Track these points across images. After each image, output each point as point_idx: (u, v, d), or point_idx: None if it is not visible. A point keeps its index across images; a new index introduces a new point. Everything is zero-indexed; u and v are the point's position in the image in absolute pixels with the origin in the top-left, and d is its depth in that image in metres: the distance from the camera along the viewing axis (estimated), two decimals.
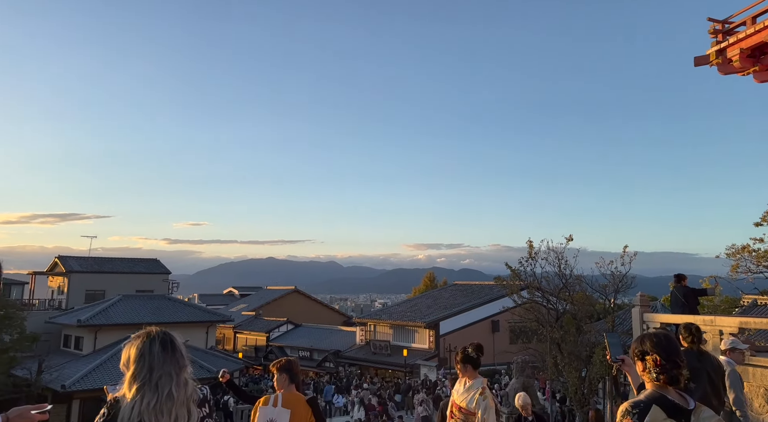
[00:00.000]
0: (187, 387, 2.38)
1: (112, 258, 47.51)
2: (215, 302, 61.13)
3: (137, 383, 2.28)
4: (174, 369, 2.35)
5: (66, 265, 42.55)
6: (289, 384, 5.10)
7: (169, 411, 2.26)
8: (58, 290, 42.97)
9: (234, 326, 50.40)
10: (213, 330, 39.71)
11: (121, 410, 2.24)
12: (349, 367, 41.17)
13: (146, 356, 2.33)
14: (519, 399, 7.02)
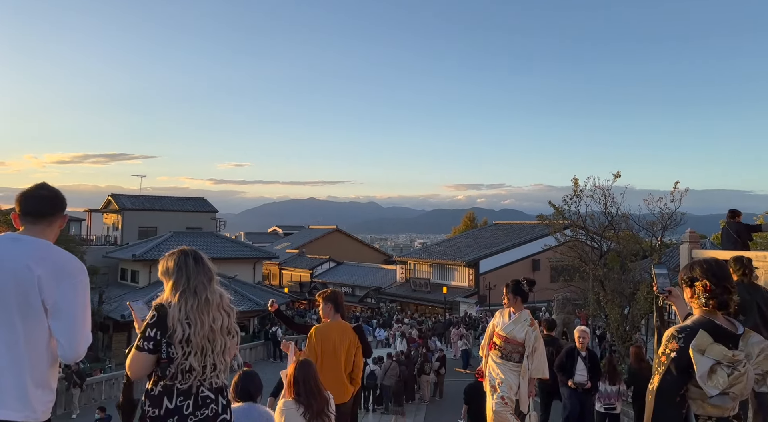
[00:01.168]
0: (222, 296, 2.72)
1: (162, 197, 49.35)
2: (260, 241, 63.21)
3: (179, 289, 2.60)
4: (205, 279, 2.68)
5: (119, 203, 44.53)
6: (335, 314, 5.29)
7: (208, 312, 2.60)
8: (113, 227, 45.26)
9: (279, 263, 52.25)
10: (259, 266, 41.29)
11: (169, 312, 2.54)
12: (390, 303, 42.39)
13: (183, 268, 2.66)
14: (578, 331, 7.02)
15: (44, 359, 2.27)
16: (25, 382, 2.21)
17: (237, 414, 3.35)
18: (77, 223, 43.65)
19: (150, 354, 2.54)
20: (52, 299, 2.23)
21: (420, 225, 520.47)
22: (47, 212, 2.42)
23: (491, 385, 5.48)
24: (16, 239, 2.34)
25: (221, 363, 2.68)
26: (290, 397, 3.78)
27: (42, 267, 2.23)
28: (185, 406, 2.59)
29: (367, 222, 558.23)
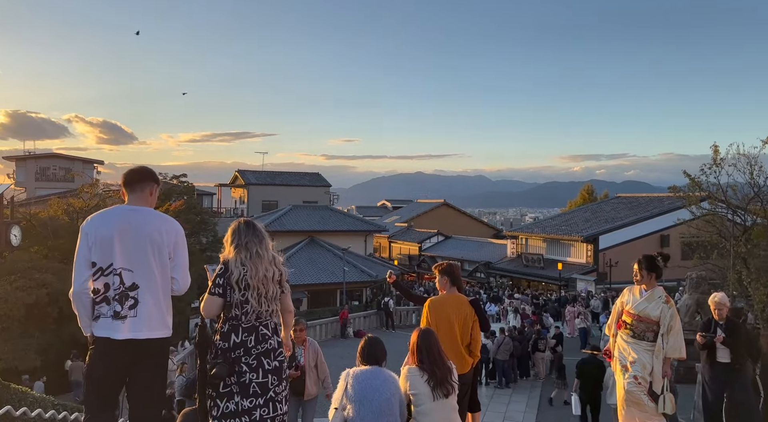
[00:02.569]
0: (275, 256, 3.42)
1: (281, 172, 52.42)
2: (370, 214, 64.95)
3: (233, 245, 3.34)
4: (256, 239, 3.37)
5: (245, 178, 48.01)
6: (451, 286, 5.21)
7: (260, 263, 3.30)
8: (240, 200, 49.01)
9: (388, 236, 53.40)
10: (370, 238, 42.49)
11: (229, 263, 3.28)
12: (500, 278, 41.60)
13: (236, 231, 3.39)
14: (716, 297, 6.31)
15: (168, 293, 3.17)
16: (163, 310, 3.12)
17: (364, 377, 3.44)
18: (209, 197, 47.82)
19: (219, 297, 3.26)
20: (172, 251, 3.14)
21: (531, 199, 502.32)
22: (139, 181, 3.24)
23: (622, 365, 5.14)
24: (134, 209, 3.16)
25: (274, 306, 3.40)
26: (414, 364, 3.79)
27: (166, 231, 3.13)
28: (249, 340, 3.30)
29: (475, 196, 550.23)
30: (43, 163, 43.06)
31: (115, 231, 3.04)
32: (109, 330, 2.99)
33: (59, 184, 40.42)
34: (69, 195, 30.90)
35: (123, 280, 3.01)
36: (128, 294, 3.01)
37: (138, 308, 3.01)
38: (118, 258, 3.02)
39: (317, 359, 6.23)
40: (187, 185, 35.58)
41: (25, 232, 21.93)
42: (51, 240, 23.09)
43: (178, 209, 28.33)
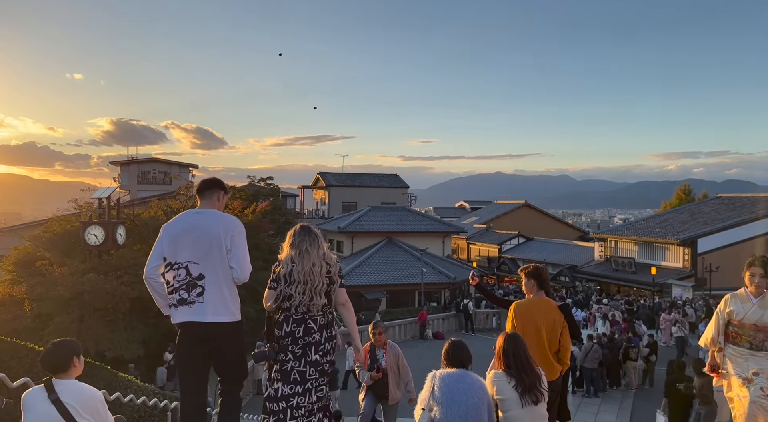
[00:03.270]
0: (326, 253, 3.81)
1: (361, 174, 53.31)
2: (448, 215, 64.37)
3: (289, 245, 3.84)
4: (308, 238, 3.80)
5: (326, 180, 49.32)
6: (538, 290, 5.00)
7: (308, 259, 3.71)
8: (321, 202, 50.38)
9: (467, 237, 52.65)
10: (448, 240, 42.11)
11: (282, 260, 3.80)
12: (587, 283, 39.72)
13: (293, 233, 3.89)
14: None
15: (231, 283, 3.55)
16: (226, 298, 3.51)
17: (450, 380, 3.38)
18: (292, 198, 49.59)
19: (272, 290, 3.75)
20: (230, 246, 3.52)
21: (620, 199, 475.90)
22: (209, 188, 3.75)
23: (742, 378, 4.69)
24: (199, 212, 3.67)
25: (320, 299, 3.71)
26: (500, 369, 3.67)
27: (224, 227, 3.54)
28: (297, 331, 3.71)
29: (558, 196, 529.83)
30: (144, 167, 46.62)
31: (182, 231, 3.55)
32: (183, 315, 3.48)
33: (158, 186, 43.59)
34: (167, 197, 33.25)
35: (190, 272, 3.47)
36: (196, 283, 3.46)
37: (204, 296, 3.45)
38: (185, 254, 3.50)
39: (398, 361, 6.13)
40: (273, 187, 37.15)
41: (129, 231, 23.84)
42: (152, 239, 24.87)
43: (265, 209, 29.63)
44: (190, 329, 3.46)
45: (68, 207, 30.00)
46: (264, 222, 28.56)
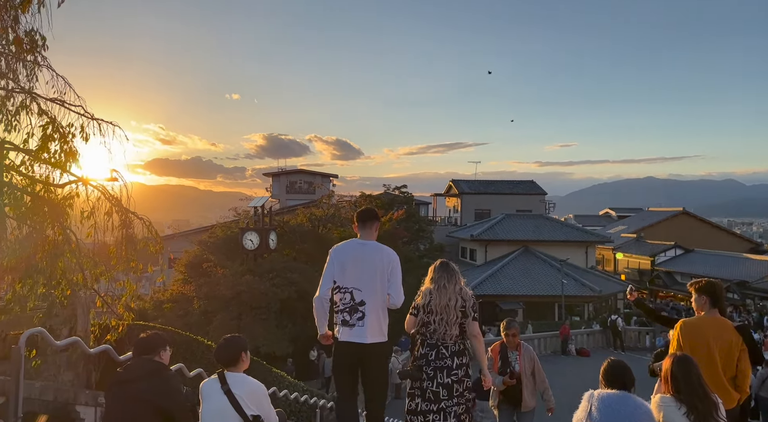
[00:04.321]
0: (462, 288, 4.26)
1: (494, 181, 52.26)
2: (590, 223, 60.31)
3: (430, 279, 4.30)
4: (446, 274, 4.27)
5: (458, 187, 49.14)
6: (711, 308, 4.47)
7: (445, 294, 4.17)
8: (453, 209, 50.26)
9: (613, 247, 48.83)
10: (591, 250, 39.45)
11: (423, 292, 4.32)
12: (761, 301, 34.59)
13: (434, 268, 4.38)
14: None
15: (385, 308, 4.05)
16: (381, 322, 4.02)
17: (611, 401, 3.13)
18: (425, 206, 50.15)
19: (412, 316, 4.29)
20: (389, 274, 4.02)
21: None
22: (369, 219, 4.20)
23: None
24: (362, 243, 4.14)
25: (453, 330, 4.15)
26: (668, 393, 3.31)
27: (385, 259, 4.05)
28: (429, 354, 4.17)
29: (722, 203, 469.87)
30: (292, 177, 50.49)
31: (349, 259, 4.05)
32: (344, 335, 4.01)
33: (304, 195, 46.91)
34: (311, 205, 35.64)
35: (353, 297, 3.98)
36: (357, 308, 3.97)
37: (365, 320, 3.95)
38: (351, 280, 4.00)
39: (534, 366, 5.77)
40: (408, 195, 37.89)
41: (279, 237, 25.94)
42: (298, 244, 26.81)
43: (400, 217, 30.32)
44: (349, 348, 3.99)
45: (228, 215, 33.54)
46: (399, 230, 29.20)
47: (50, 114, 6.92)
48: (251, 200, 29.52)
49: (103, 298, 7.25)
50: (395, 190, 37.23)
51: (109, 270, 7.17)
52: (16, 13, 6.16)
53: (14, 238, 6.58)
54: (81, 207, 7.20)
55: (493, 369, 5.65)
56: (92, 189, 7.35)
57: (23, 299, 6.61)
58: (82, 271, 6.77)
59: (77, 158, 7.01)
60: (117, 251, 7.23)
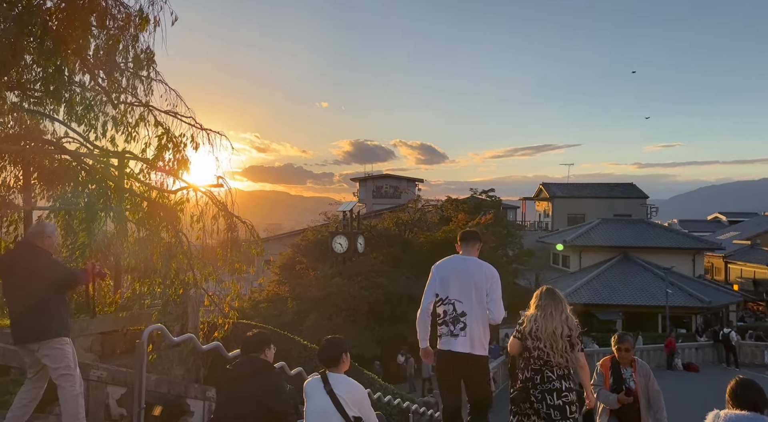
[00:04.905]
0: (568, 317, 4.32)
1: (588, 184, 49.78)
2: (698, 229, 55.59)
3: (534, 305, 4.41)
4: (552, 301, 4.35)
5: (549, 191, 47.33)
6: None
7: (551, 322, 4.24)
8: (544, 214, 48.46)
9: (724, 255, 44.67)
10: (699, 258, 36.39)
11: (528, 317, 4.40)
12: None
13: (539, 295, 4.45)
14: None
15: (486, 322, 4.19)
16: (481, 335, 4.16)
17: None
18: (513, 210, 48.81)
19: (516, 340, 4.43)
20: (489, 290, 4.15)
21: None
22: (469, 239, 4.40)
23: None
24: (463, 258, 4.32)
25: (561, 358, 4.23)
26: None
27: (484, 275, 4.19)
28: (535, 378, 4.27)
29: None
30: (378, 182, 51.22)
31: (451, 273, 4.24)
32: (446, 344, 4.17)
33: (390, 200, 47.39)
34: (397, 209, 35.90)
35: (456, 308, 4.16)
36: (459, 319, 4.14)
37: (467, 331, 4.12)
38: (453, 292, 4.18)
39: (649, 384, 5.24)
40: (495, 199, 37.08)
41: (366, 241, 26.37)
42: (385, 248, 27.10)
43: (487, 222, 29.72)
44: (452, 356, 4.15)
45: (318, 219, 34.64)
46: (486, 235, 28.62)
47: (165, 125, 7.48)
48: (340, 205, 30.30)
49: (211, 297, 7.69)
50: (482, 194, 36.58)
51: (216, 271, 7.59)
52: (135, 32, 6.71)
53: (134, 240, 7.16)
54: (191, 212, 7.70)
55: (604, 386, 5.27)
56: (201, 195, 7.85)
57: (142, 297, 7.18)
58: (193, 271, 7.23)
59: (188, 166, 7.53)
60: (223, 253, 7.65)
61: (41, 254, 4.14)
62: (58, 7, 6.32)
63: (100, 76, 6.99)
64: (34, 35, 6.27)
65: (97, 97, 7.20)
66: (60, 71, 6.59)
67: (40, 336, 4.07)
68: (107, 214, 6.98)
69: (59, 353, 4.10)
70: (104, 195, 7.17)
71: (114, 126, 7.48)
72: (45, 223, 4.57)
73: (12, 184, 7.11)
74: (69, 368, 4.15)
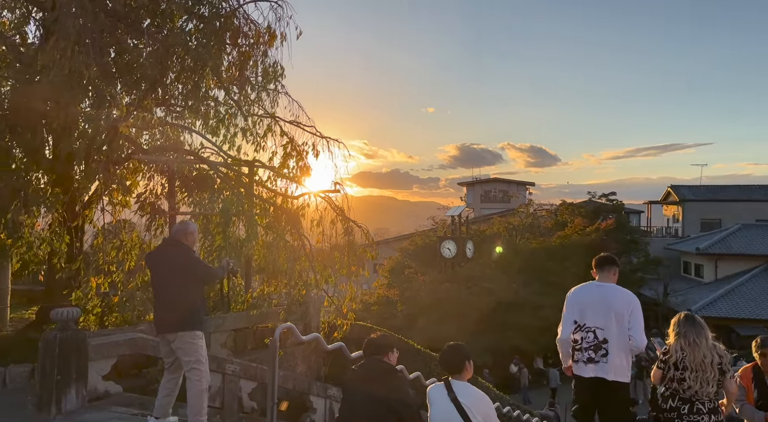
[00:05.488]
0: (715, 344, 4.12)
1: (725, 186, 44.89)
2: None
3: (675, 333, 4.17)
4: (694, 329, 4.10)
5: (678, 194, 43.30)
6: None
7: (698, 350, 4.02)
8: (673, 219, 44.42)
9: None
10: None
11: (671, 346, 4.16)
12: None
13: (677, 322, 4.21)
14: None
15: (627, 349, 4.15)
16: (623, 362, 4.16)
17: None
18: (636, 215, 45.35)
19: (660, 370, 4.20)
20: (629, 316, 4.12)
21: None
22: (605, 264, 4.34)
23: None
24: (600, 285, 4.29)
25: (711, 388, 4.01)
26: None
27: (623, 301, 4.18)
28: (682, 408, 4.07)
29: None
30: (486, 186, 50.25)
31: (587, 300, 4.23)
32: (583, 370, 4.16)
33: (498, 204, 46.27)
34: (507, 214, 34.90)
35: (596, 336, 4.14)
36: (601, 346, 4.12)
37: (608, 358, 4.10)
38: (591, 319, 4.16)
39: None
40: (616, 203, 34.73)
41: (475, 246, 25.95)
42: (495, 254, 26.47)
43: (608, 227, 27.88)
44: (593, 383, 4.15)
45: (426, 224, 34.75)
46: (607, 241, 26.86)
47: (289, 135, 7.92)
48: (447, 210, 30.16)
49: (331, 298, 7.98)
50: (601, 197, 34.42)
51: (335, 273, 7.87)
52: (265, 48, 7.19)
53: (262, 243, 7.64)
54: (311, 216, 8.08)
55: (747, 400, 4.64)
56: (320, 200, 8.19)
57: (270, 297, 7.64)
58: (314, 273, 7.55)
59: (310, 173, 7.92)
60: (341, 256, 7.91)
61: (184, 250, 4.43)
62: (197, 28, 6.95)
63: (233, 91, 7.56)
64: (177, 55, 6.94)
65: (230, 110, 7.81)
66: (198, 88, 7.23)
67: (177, 327, 4.28)
68: (239, 218, 7.51)
69: (191, 346, 4.28)
70: (237, 201, 7.75)
71: (243, 137, 8.07)
72: (188, 221, 4.90)
73: (159, 191, 7.91)
74: (199, 362, 4.31)
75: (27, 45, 7.23)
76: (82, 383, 4.72)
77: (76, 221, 7.09)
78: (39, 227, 7.25)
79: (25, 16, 7.24)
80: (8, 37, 6.79)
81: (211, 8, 6.90)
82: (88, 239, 8.11)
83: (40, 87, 5.76)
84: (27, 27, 7.34)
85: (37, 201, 6.12)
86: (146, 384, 5.50)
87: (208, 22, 6.80)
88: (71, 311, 4.77)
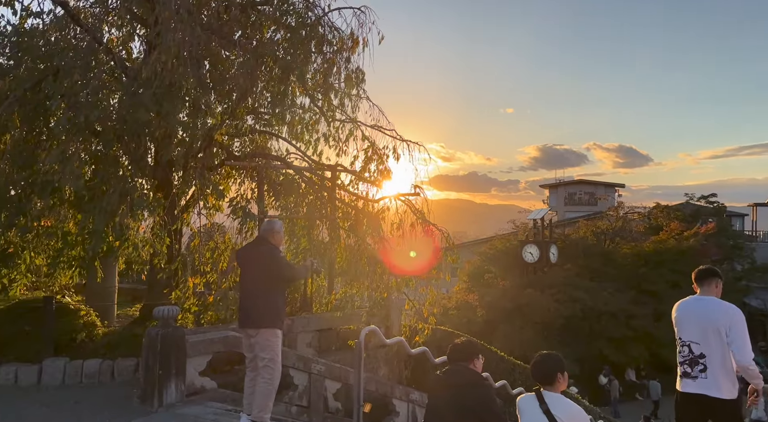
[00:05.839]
0: None
1: None
2: None
3: None
4: None
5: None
6: None
7: None
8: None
9: None
10: None
11: None
12: None
13: None
14: None
15: (728, 362, 3.87)
16: (725, 374, 3.88)
17: None
18: (739, 218, 41.64)
19: None
20: (728, 330, 3.86)
21: None
22: (705, 277, 4.12)
23: None
24: (699, 298, 4.10)
25: None
26: None
27: (722, 315, 3.92)
28: None
29: None
30: (570, 189, 48.12)
31: (685, 314, 4.10)
32: (685, 386, 4.01)
33: (584, 207, 44.15)
34: (594, 217, 33.18)
35: (692, 350, 4.00)
36: (698, 361, 3.96)
37: (707, 373, 3.91)
38: (687, 333, 4.05)
39: None
40: (717, 205, 32.10)
41: (560, 251, 24.88)
42: (581, 259, 25.23)
43: (708, 232, 25.79)
44: (692, 399, 3.98)
45: (505, 227, 33.84)
46: (707, 246, 24.81)
47: (370, 139, 7.99)
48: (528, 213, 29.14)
49: (412, 302, 7.95)
50: (700, 199, 31.93)
51: (415, 277, 7.83)
52: (348, 54, 7.31)
53: (344, 246, 7.75)
54: (391, 219, 8.09)
55: None
56: (400, 203, 8.19)
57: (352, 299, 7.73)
58: (395, 276, 7.55)
59: (390, 176, 7.93)
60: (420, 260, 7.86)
61: (271, 249, 4.56)
62: (285, 37, 7.19)
63: (318, 97, 7.75)
64: (266, 65, 7.22)
65: (314, 116, 8.01)
66: (284, 95, 7.47)
67: (258, 323, 4.37)
68: (323, 222, 7.68)
69: (268, 344, 4.36)
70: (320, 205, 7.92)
71: (326, 142, 8.24)
72: (274, 220, 5.05)
73: (249, 196, 8.26)
74: (273, 361, 4.37)
75: (132, 60, 7.83)
76: (181, 378, 5.00)
77: (176, 224, 7.56)
78: (142, 229, 7.80)
79: (131, 32, 7.84)
80: (116, 52, 7.38)
81: (297, 18, 7.13)
82: (185, 242, 8.63)
83: (144, 98, 6.19)
84: (132, 43, 7.96)
85: (141, 205, 6.57)
86: (238, 381, 5.73)
87: (294, 32, 7.02)
88: (171, 310, 5.07)
